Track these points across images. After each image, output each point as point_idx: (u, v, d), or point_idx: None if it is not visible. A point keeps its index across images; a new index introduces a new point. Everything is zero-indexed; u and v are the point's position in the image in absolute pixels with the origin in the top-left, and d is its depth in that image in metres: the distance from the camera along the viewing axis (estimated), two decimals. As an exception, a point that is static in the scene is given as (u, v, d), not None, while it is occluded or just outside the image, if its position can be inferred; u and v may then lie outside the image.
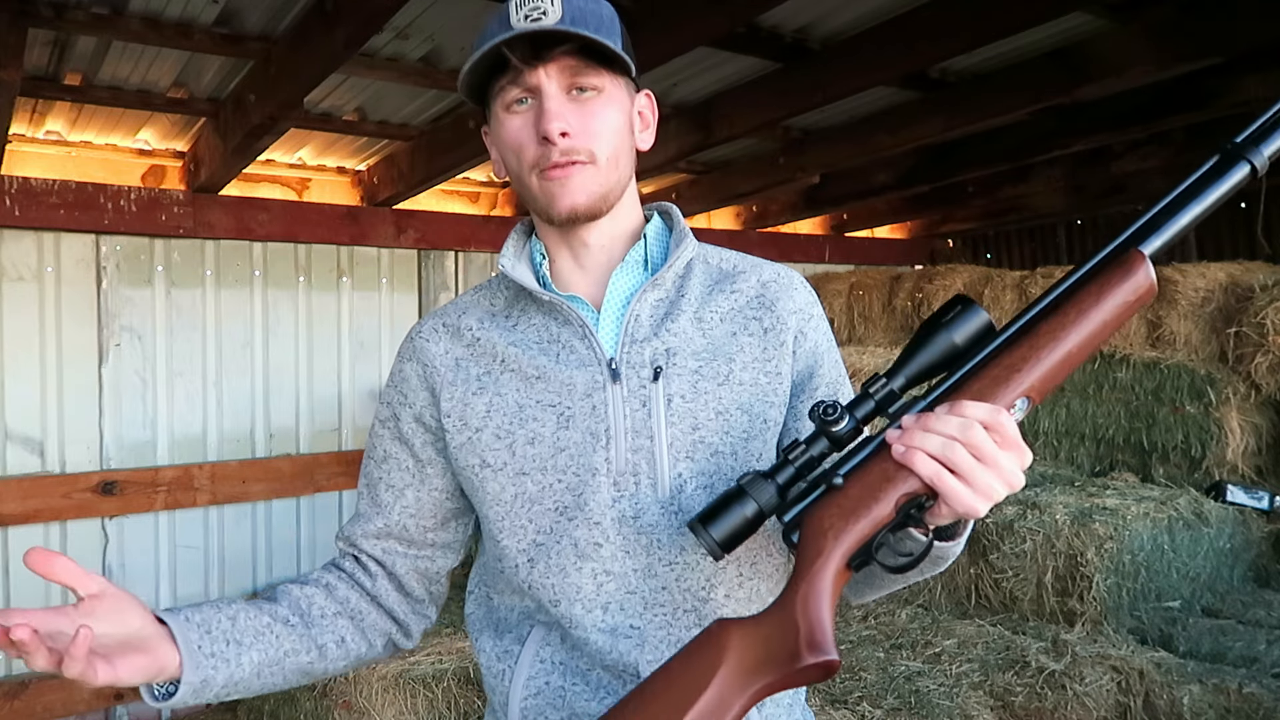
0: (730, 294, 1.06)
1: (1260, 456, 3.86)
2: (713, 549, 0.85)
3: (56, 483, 3.54)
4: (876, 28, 2.88)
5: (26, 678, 3.46)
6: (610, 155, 1.00)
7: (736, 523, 0.84)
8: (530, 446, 0.99)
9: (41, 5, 2.42)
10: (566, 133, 0.95)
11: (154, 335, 3.79)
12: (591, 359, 1.00)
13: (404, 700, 2.72)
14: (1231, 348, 3.84)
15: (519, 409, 1.00)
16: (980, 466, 0.79)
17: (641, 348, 1.01)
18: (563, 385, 1.00)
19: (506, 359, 1.03)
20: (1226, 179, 0.85)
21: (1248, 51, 3.09)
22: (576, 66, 0.96)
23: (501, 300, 1.09)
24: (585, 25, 0.94)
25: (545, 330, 1.03)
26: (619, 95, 1.01)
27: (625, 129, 1.02)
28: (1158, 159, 4.43)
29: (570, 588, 0.98)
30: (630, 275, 1.06)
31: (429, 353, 1.07)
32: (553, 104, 0.96)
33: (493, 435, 1.01)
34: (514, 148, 1.00)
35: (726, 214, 5.49)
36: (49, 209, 3.45)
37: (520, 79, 0.97)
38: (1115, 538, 3.07)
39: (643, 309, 1.03)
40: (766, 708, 1.01)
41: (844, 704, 2.44)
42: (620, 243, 1.07)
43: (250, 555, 4.00)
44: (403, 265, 4.41)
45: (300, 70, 2.64)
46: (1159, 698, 2.58)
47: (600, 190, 1.00)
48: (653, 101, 1.10)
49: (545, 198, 0.99)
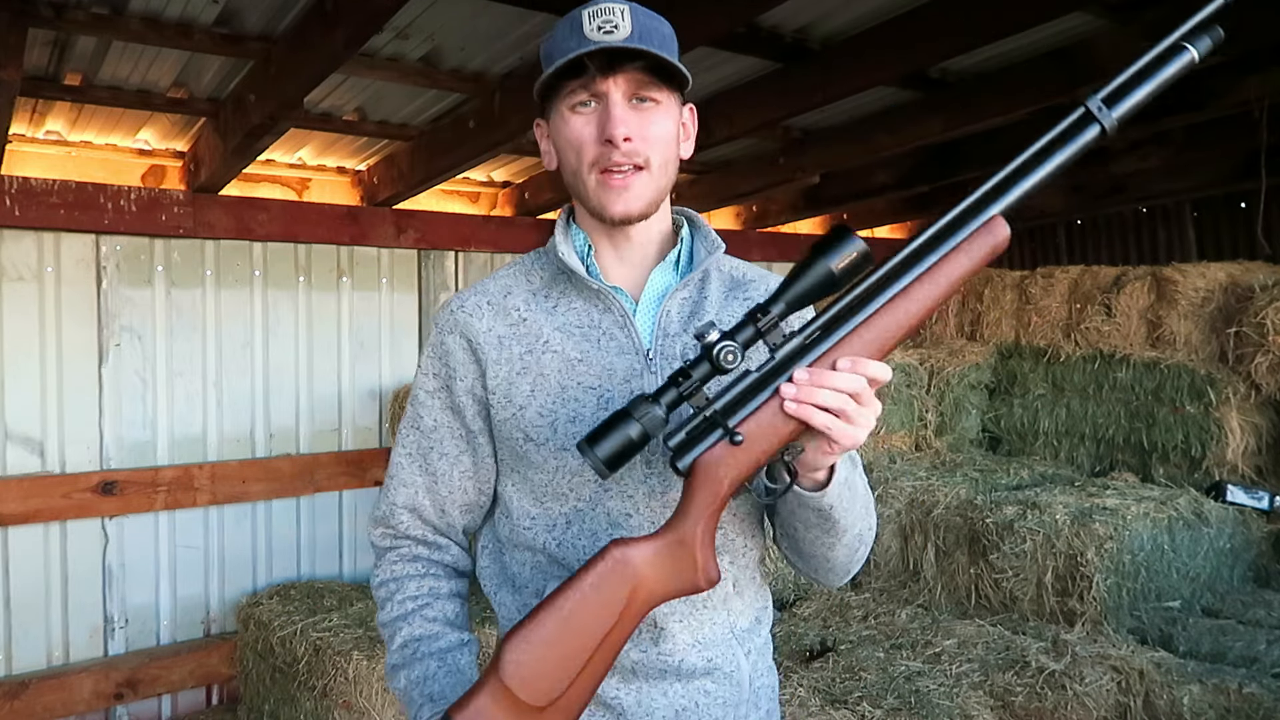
0: (744, 300, 1.18)
1: (1260, 456, 3.86)
2: (598, 467, 0.93)
3: (56, 483, 3.54)
4: (876, 28, 2.88)
5: (27, 678, 3.46)
6: (662, 162, 1.10)
7: (620, 442, 0.93)
8: (572, 425, 1.09)
9: (41, 5, 2.42)
10: (630, 138, 1.06)
11: (154, 335, 3.78)
12: (630, 347, 1.11)
13: (404, 700, 2.71)
14: (1231, 348, 3.85)
15: (561, 389, 1.10)
16: (861, 410, 0.92)
17: (673, 341, 1.12)
18: (604, 370, 1.10)
19: (550, 341, 1.12)
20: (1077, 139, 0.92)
21: (1248, 51, 3.09)
22: (642, 80, 1.07)
23: (539, 280, 1.17)
24: (650, 41, 1.05)
25: (587, 315, 1.13)
26: (672, 107, 1.11)
27: (675, 138, 1.12)
28: (1158, 159, 4.43)
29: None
30: (664, 274, 1.17)
31: (474, 328, 1.15)
32: (618, 110, 1.06)
33: (536, 414, 1.10)
34: (575, 145, 1.09)
35: (726, 214, 5.49)
36: (49, 209, 3.44)
37: (591, 85, 1.06)
38: (1115, 538, 3.07)
39: (673, 306, 1.14)
40: (752, 655, 1.16)
41: (844, 704, 2.44)
42: (655, 241, 1.17)
43: (250, 555, 4.00)
44: (403, 265, 4.41)
45: (300, 70, 2.64)
46: (1159, 698, 2.58)
47: (652, 195, 1.10)
48: (694, 114, 1.19)
49: (600, 198, 1.09)
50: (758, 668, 1.18)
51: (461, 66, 3.10)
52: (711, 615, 1.13)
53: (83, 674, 3.52)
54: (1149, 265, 4.47)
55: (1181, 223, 5.35)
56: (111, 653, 3.69)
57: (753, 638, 1.17)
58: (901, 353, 4.43)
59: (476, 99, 3.30)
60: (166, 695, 3.76)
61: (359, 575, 4.20)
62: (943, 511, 3.53)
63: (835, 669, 2.69)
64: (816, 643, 2.95)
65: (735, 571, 1.14)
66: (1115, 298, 4.22)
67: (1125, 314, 4.19)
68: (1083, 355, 4.32)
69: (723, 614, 1.14)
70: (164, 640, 3.82)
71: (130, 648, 3.73)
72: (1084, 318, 4.32)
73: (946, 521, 3.50)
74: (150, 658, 3.68)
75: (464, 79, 3.15)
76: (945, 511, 3.53)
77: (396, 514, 1.19)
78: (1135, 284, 4.18)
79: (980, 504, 3.45)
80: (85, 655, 3.64)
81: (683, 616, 1.11)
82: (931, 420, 4.39)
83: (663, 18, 1.11)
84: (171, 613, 3.84)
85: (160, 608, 3.81)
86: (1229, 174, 4.58)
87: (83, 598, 3.63)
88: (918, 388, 4.38)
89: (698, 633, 1.12)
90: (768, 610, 1.22)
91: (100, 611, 3.67)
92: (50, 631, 3.58)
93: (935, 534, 3.52)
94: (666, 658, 1.11)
